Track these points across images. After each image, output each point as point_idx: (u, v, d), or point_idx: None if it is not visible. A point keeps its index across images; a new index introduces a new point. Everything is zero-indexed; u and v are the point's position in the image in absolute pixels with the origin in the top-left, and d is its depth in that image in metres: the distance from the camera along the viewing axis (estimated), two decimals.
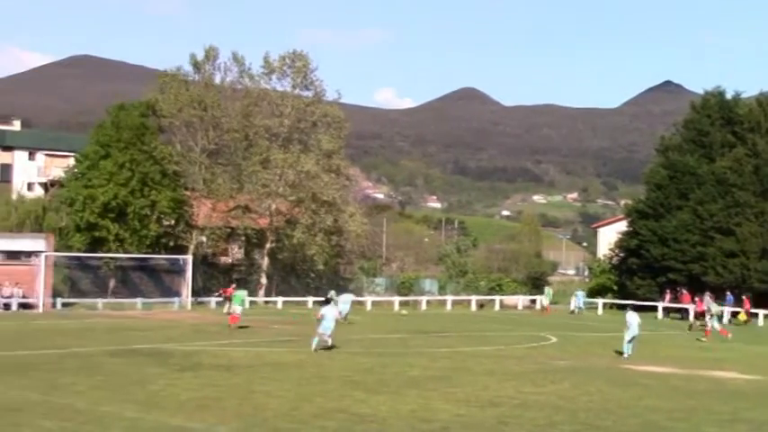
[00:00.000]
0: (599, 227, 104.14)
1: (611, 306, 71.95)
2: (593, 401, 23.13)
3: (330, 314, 35.00)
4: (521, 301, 76.32)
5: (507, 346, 39.12)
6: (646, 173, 78.49)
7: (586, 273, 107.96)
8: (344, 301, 51.62)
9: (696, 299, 57.93)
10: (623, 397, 24.11)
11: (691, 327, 53.25)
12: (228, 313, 48.30)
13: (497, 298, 76.83)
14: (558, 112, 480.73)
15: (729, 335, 46.55)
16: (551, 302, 73.36)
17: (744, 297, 63.72)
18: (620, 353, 35.26)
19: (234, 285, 56.37)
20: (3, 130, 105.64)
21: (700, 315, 53.76)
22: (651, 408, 22.37)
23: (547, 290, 74.41)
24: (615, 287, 77.28)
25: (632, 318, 35.67)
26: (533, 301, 76.15)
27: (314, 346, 33.73)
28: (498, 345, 39.43)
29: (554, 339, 42.77)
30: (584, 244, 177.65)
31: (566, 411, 21.41)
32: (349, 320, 48.84)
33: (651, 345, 41.55)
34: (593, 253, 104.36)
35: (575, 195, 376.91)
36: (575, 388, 25.56)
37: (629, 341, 35.38)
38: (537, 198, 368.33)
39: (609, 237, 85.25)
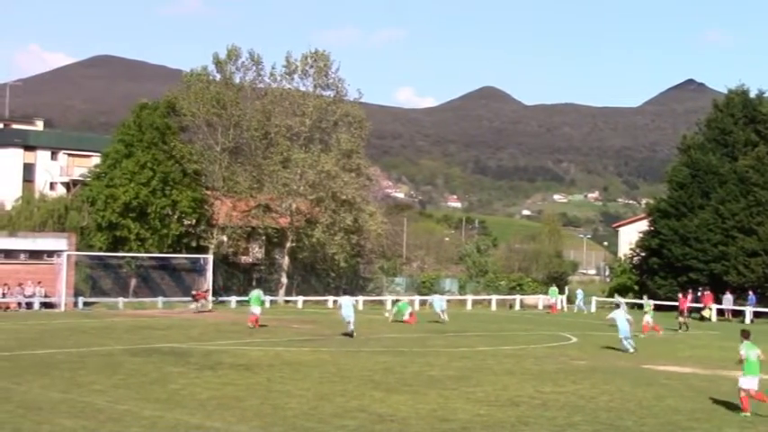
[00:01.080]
0: (620, 226, 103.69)
1: (633, 306, 71.64)
2: (613, 401, 23.04)
3: (345, 302, 41.27)
4: (541, 300, 76.11)
5: (527, 345, 39.01)
6: (667, 172, 78.03)
7: (607, 272, 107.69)
8: (346, 306, 42.04)
9: (680, 295, 57.69)
10: (644, 397, 24.00)
11: (684, 325, 52.67)
12: (200, 311, 53.69)
13: (518, 298, 76.67)
14: (578, 111, 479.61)
15: (661, 332, 46.51)
16: (568, 303, 73.16)
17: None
18: (622, 350, 36.52)
19: (207, 290, 58.26)
20: (26, 130, 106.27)
21: (682, 312, 53.80)
22: (672, 408, 22.26)
23: (552, 290, 73.85)
24: (636, 287, 76.92)
25: (618, 315, 37.63)
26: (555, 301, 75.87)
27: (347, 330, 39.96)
28: (518, 344, 39.33)
29: (574, 339, 42.63)
30: (605, 243, 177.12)
31: (586, 411, 21.34)
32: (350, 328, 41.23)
33: (672, 345, 41.42)
34: (614, 252, 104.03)
35: (595, 195, 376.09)
36: (595, 388, 25.46)
37: (626, 338, 36.98)
38: (557, 197, 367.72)
39: (630, 236, 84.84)
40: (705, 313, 63.02)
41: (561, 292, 75.16)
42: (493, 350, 36.22)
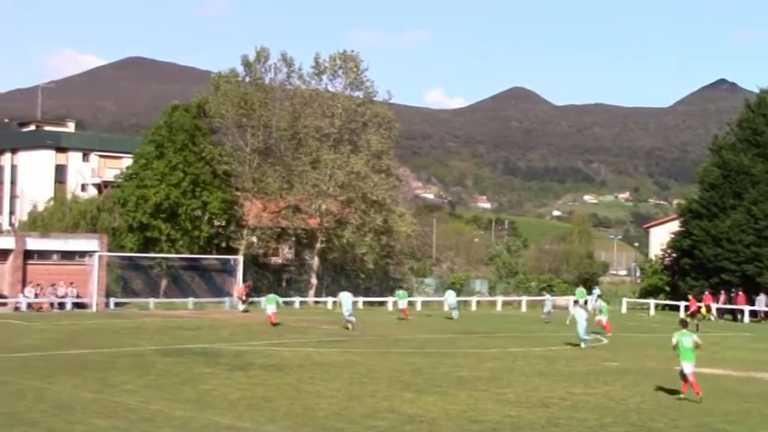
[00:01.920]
0: (651, 227, 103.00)
1: (663, 307, 71.30)
2: (644, 403, 22.89)
3: (345, 298, 46.00)
4: (571, 302, 75.62)
5: (557, 346, 38.85)
6: (699, 172, 77.43)
7: (638, 273, 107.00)
8: (345, 301, 46.30)
9: (690, 297, 57.25)
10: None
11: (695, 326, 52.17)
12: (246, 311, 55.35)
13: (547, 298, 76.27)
14: (608, 112, 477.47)
15: (609, 333, 46.10)
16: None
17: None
18: (576, 345, 38.02)
19: (248, 284, 59.73)
20: (58, 131, 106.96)
21: (693, 314, 53.73)
22: (705, 410, 22.07)
23: (579, 290, 72.76)
24: (667, 288, 76.43)
25: (578, 311, 39.65)
26: (585, 303, 75.43)
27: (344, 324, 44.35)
28: (548, 346, 39.17)
29: (605, 340, 42.41)
30: (636, 244, 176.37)
31: (617, 413, 21.22)
32: (349, 325, 44.58)
33: (705, 346, 41.04)
34: (645, 253, 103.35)
35: (626, 195, 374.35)
36: (626, 389, 25.32)
37: (584, 334, 38.55)
38: (588, 198, 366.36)
39: (661, 237, 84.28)
40: (703, 311, 62.56)
41: (590, 293, 74.70)
42: (523, 351, 36.10)
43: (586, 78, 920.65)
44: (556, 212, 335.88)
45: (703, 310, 62.19)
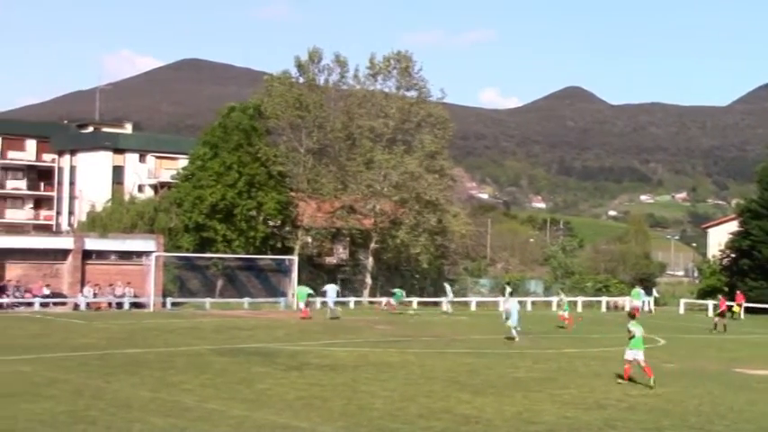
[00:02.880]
0: (709, 227, 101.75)
1: (729, 308, 70.40)
2: (703, 405, 22.59)
3: (330, 289, 53.40)
4: (628, 302, 75.07)
5: (613, 347, 38.46)
6: (758, 171, 76.44)
7: (696, 274, 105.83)
8: (330, 291, 54.09)
9: (720, 297, 56.70)
10: (735, 401, 23.48)
11: (722, 326, 51.39)
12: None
13: (604, 299, 75.81)
14: (665, 111, 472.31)
15: (570, 328, 48.09)
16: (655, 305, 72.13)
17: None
18: (511, 338, 39.47)
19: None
20: (115, 133, 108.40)
21: (722, 313, 53.28)
22: (766, 413, 21.74)
23: (635, 291, 72.02)
24: (726, 288, 75.48)
25: (512, 303, 41.83)
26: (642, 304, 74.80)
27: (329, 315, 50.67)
28: (603, 347, 38.81)
29: (662, 342, 41.94)
30: (694, 245, 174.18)
31: (674, 415, 20.97)
32: (335, 314, 51.63)
33: (765, 348, 40.51)
34: (703, 254, 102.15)
35: (683, 195, 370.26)
36: (684, 391, 25.02)
37: (515, 327, 40.09)
38: (644, 198, 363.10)
39: (719, 237, 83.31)
40: (735, 310, 62.35)
41: (649, 293, 74.02)
42: (579, 352, 35.84)
43: (642, 77, 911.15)
44: (611, 212, 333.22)
45: (736, 309, 61.69)
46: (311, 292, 54.01)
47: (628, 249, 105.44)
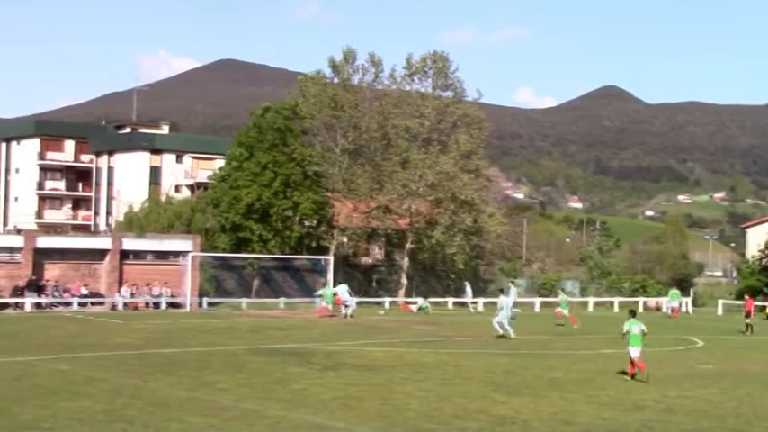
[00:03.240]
0: (748, 227, 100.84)
1: (762, 308, 69.69)
2: (742, 407, 22.37)
3: (341, 289, 52.21)
4: (665, 303, 74.51)
5: (651, 349, 38.17)
6: None
7: (734, 274, 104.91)
8: (341, 292, 53.09)
9: (747, 297, 56.03)
10: None
11: (750, 327, 50.64)
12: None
13: (641, 300, 75.31)
14: (703, 110, 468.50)
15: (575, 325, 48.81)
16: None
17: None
18: (502, 336, 39.65)
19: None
20: (152, 133, 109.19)
21: (749, 313, 52.50)
22: None
23: (672, 292, 71.18)
24: (765, 289, 74.78)
25: (501, 300, 41.60)
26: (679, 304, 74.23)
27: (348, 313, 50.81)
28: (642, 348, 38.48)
29: (701, 343, 41.61)
30: (732, 245, 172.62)
31: (713, 417, 20.78)
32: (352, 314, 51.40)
33: None
34: (742, 254, 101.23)
35: (722, 195, 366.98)
36: (723, 393, 24.78)
37: (500, 322, 40.23)
38: (682, 198, 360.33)
39: (759, 237, 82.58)
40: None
41: (686, 294, 73.42)
42: (616, 353, 35.56)
43: (679, 76, 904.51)
44: (648, 212, 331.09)
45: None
46: (330, 292, 53.92)
47: (665, 250, 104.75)
